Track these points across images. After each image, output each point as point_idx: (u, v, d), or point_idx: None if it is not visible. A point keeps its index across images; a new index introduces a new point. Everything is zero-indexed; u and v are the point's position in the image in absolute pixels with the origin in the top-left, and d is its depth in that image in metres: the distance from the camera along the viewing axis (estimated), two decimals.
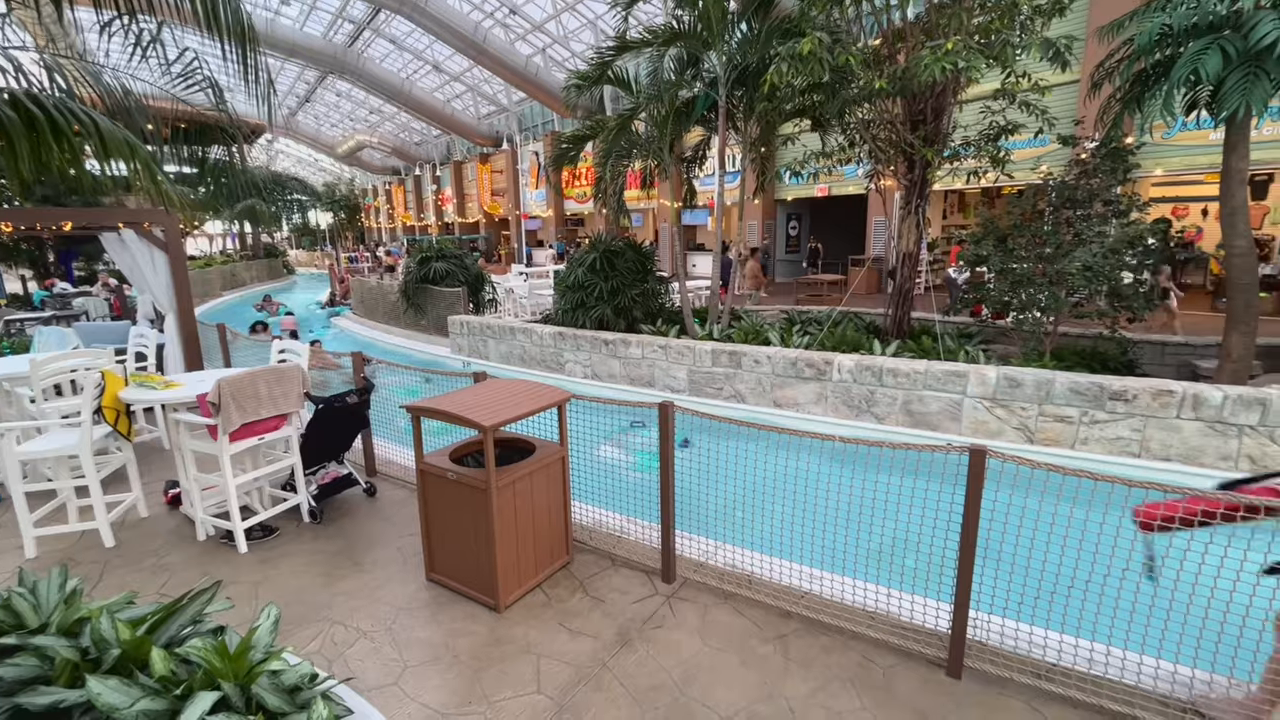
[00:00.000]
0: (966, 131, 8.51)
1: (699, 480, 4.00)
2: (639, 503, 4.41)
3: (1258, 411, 5.39)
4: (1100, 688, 2.90)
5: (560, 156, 11.35)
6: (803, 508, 3.82)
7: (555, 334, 10.02)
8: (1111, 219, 7.41)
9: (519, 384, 4.12)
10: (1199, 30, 6.06)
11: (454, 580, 3.82)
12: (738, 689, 3.02)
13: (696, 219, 24.96)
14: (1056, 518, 2.95)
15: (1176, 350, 8.23)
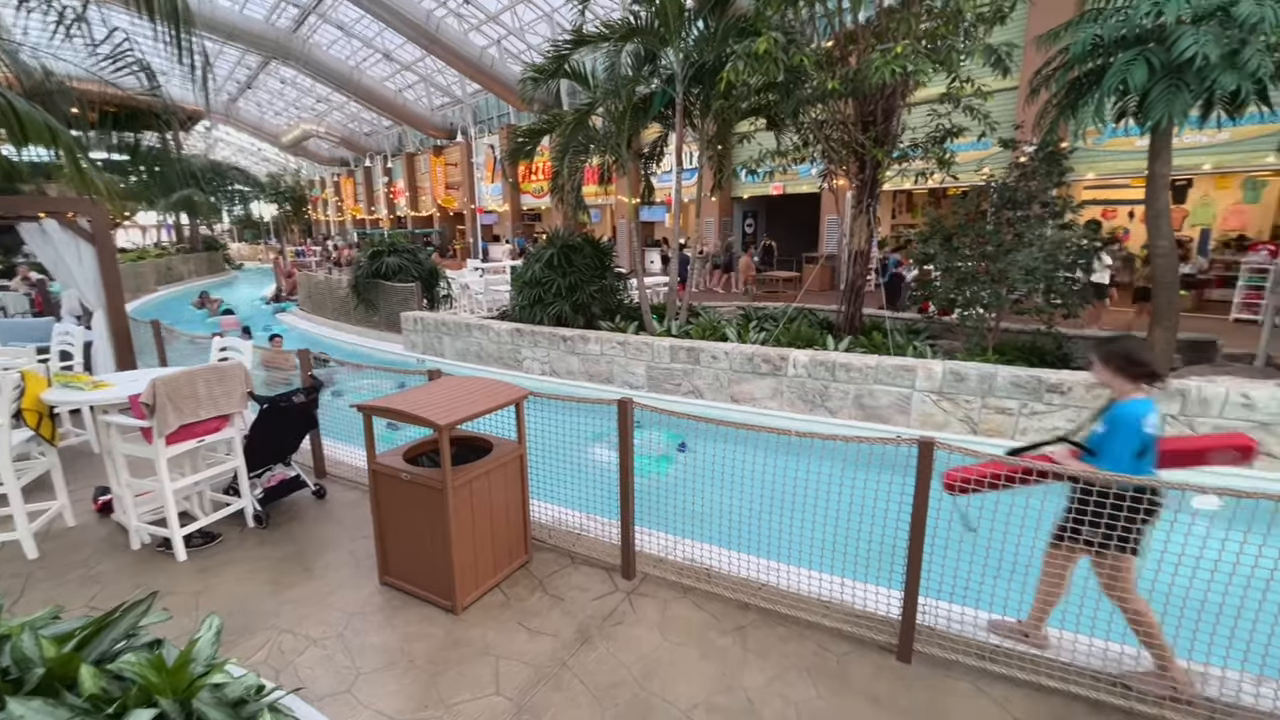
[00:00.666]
0: (915, 133, 8.78)
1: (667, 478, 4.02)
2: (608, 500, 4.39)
3: (1179, 402, 5.75)
4: (1039, 666, 3.05)
5: (516, 150, 11.19)
6: (760, 501, 3.88)
7: (513, 330, 9.89)
8: (1048, 220, 7.77)
9: (475, 382, 4.05)
10: (1127, 42, 6.41)
11: (409, 583, 3.74)
12: (697, 682, 3.05)
13: (654, 215, 25.01)
14: (999, 504, 3.09)
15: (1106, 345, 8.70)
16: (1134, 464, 2.83)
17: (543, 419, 4.38)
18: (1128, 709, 2.83)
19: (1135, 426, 2.82)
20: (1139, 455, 2.84)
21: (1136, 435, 2.82)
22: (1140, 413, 2.84)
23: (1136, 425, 2.82)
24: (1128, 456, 2.82)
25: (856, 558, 3.55)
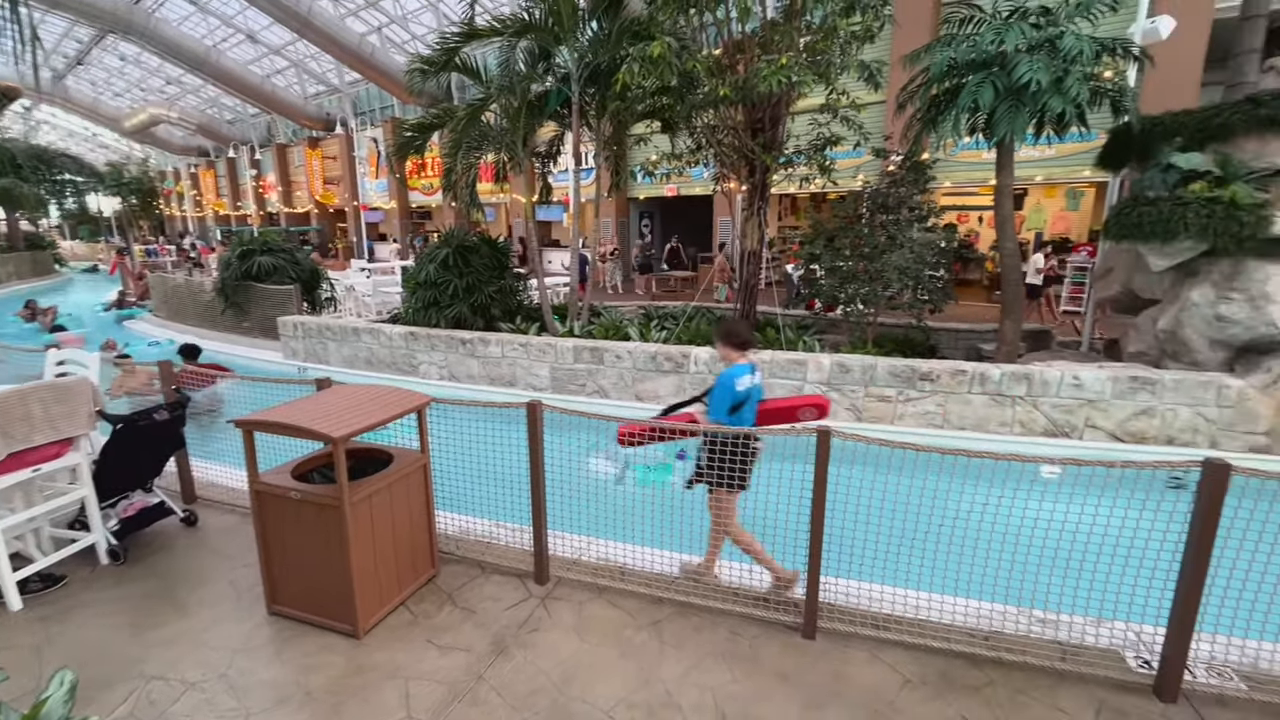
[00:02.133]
0: (798, 141, 9.32)
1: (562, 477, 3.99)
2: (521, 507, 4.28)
3: (1024, 384, 6.55)
4: (924, 630, 3.35)
5: (404, 145, 10.64)
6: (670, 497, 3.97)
7: (407, 334, 9.41)
8: (915, 224, 8.56)
9: (370, 390, 3.82)
10: (976, 66, 7.19)
11: (303, 610, 3.46)
12: (617, 680, 3.07)
13: (551, 215, 24.76)
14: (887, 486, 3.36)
15: (965, 336, 9.74)
16: (732, 417, 3.57)
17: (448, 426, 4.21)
18: (996, 659, 3.18)
19: (729, 386, 3.54)
20: (734, 410, 3.58)
21: (729, 393, 3.54)
22: (733, 375, 3.57)
23: (729, 385, 3.54)
24: (724, 411, 3.57)
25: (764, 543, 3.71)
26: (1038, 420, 6.52)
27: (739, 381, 3.56)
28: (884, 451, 3.21)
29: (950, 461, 3.15)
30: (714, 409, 3.61)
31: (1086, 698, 2.96)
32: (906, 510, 3.33)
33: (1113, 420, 6.33)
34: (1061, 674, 3.10)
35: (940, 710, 2.88)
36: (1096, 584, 3.08)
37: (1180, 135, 6.70)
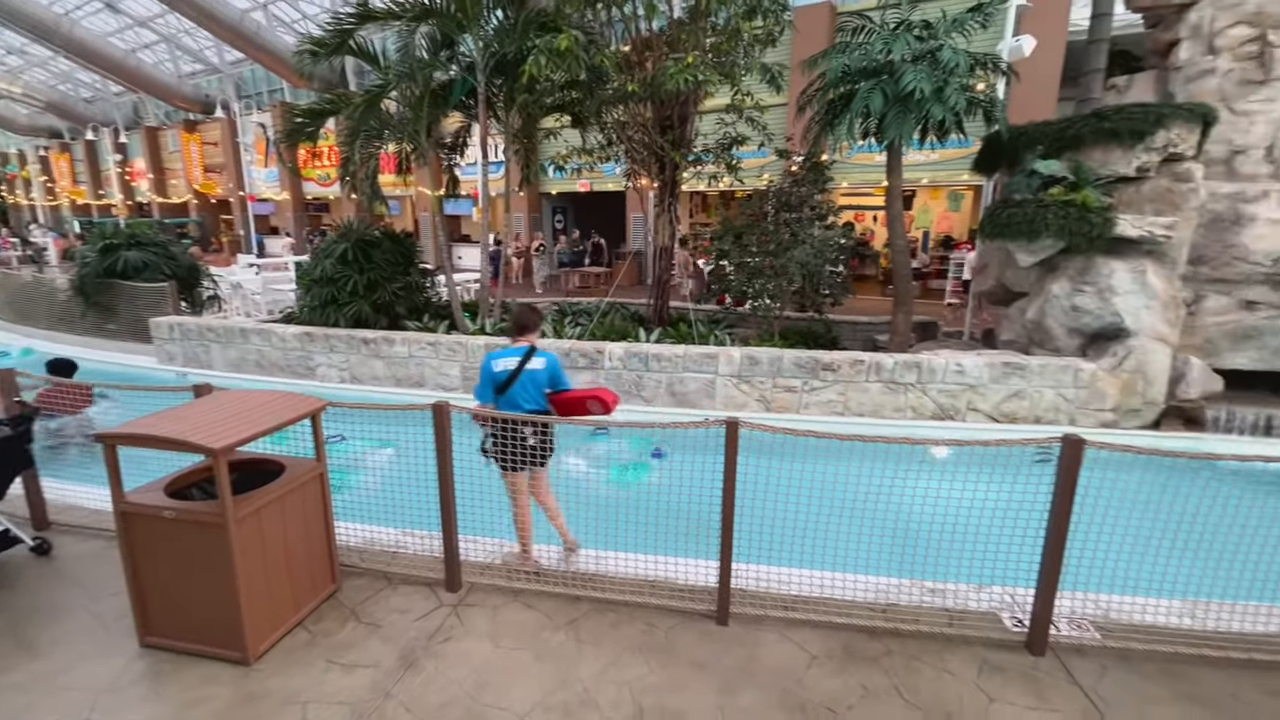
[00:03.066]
0: (706, 139, 9.54)
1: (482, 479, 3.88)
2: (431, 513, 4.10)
3: (915, 372, 7.05)
4: (829, 608, 3.53)
5: (295, 132, 9.92)
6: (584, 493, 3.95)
7: (302, 335, 8.79)
8: (816, 221, 8.99)
9: (256, 395, 3.53)
10: (868, 73, 7.64)
11: (183, 640, 3.15)
12: (533, 683, 3.02)
13: (460, 209, 23.95)
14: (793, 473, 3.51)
15: (863, 328, 10.36)
16: (501, 398, 3.73)
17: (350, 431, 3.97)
18: (893, 629, 3.40)
19: (486, 369, 3.74)
20: (500, 391, 3.74)
21: (486, 375, 3.75)
22: (491, 357, 3.77)
23: (486, 367, 3.74)
24: (487, 393, 3.74)
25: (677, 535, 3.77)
26: (927, 405, 7.03)
27: (496, 364, 3.77)
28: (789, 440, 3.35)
29: (849, 446, 3.33)
30: (478, 391, 3.81)
31: (970, 657, 3.22)
32: (810, 495, 3.49)
33: (990, 403, 6.94)
34: (949, 638, 3.36)
35: (844, 683, 3.04)
36: (979, 553, 3.36)
37: (1041, 144, 7.43)
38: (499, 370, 3.75)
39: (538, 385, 3.82)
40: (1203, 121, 6.71)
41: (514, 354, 3.79)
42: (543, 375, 3.83)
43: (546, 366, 3.84)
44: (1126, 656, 3.22)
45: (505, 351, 3.80)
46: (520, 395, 3.77)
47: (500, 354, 3.79)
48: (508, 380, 3.74)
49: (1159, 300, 6.70)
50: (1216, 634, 3.31)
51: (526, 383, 3.77)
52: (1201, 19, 7.30)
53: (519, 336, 3.90)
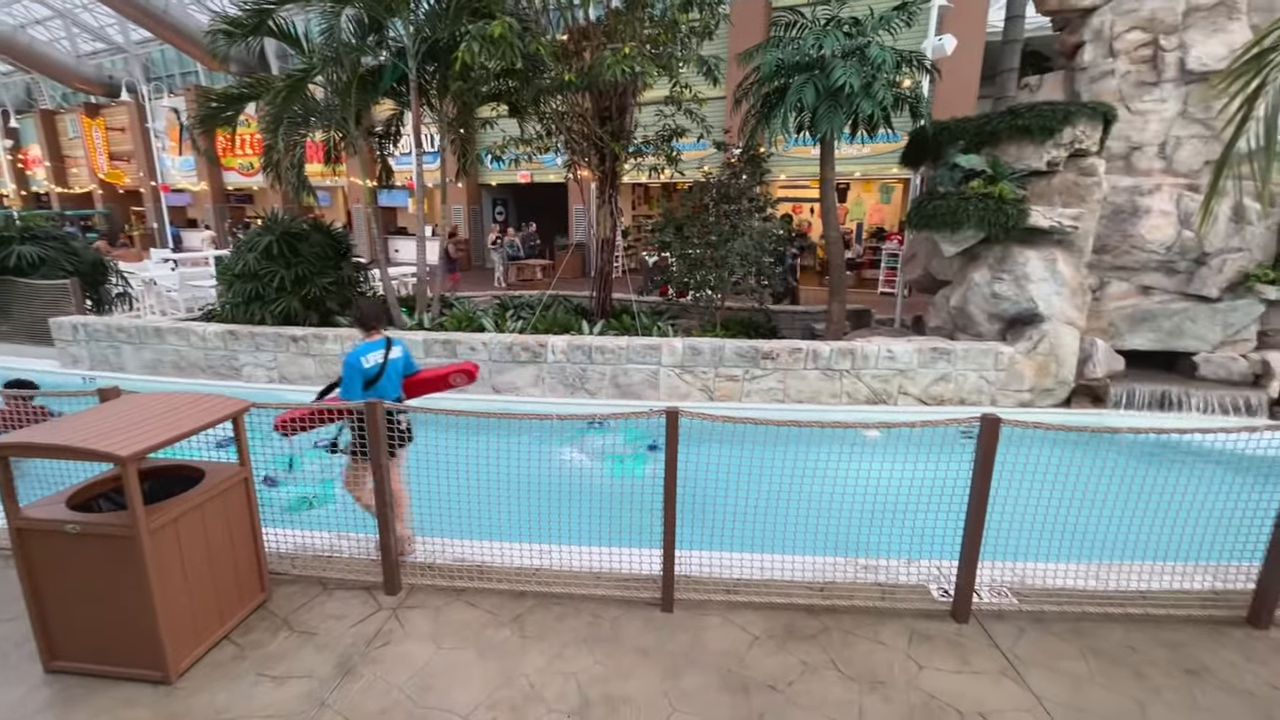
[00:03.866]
0: (646, 131, 9.53)
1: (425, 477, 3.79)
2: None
3: (849, 359, 7.31)
4: (770, 589, 3.64)
5: (211, 117, 9.31)
6: (529, 488, 3.90)
7: (225, 333, 8.31)
8: (754, 213, 9.15)
9: (170, 399, 3.32)
10: (801, 68, 7.81)
11: (95, 662, 2.95)
12: (477, 682, 2.98)
13: (396, 200, 23.13)
14: (735, 459, 3.58)
15: (801, 317, 10.65)
16: (369, 392, 3.81)
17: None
18: (830, 606, 3.54)
19: (354, 365, 3.80)
20: (369, 385, 3.83)
21: (356, 372, 3.80)
22: (357, 354, 3.83)
23: (355, 364, 3.80)
24: (357, 389, 3.80)
25: (623, 526, 3.80)
26: (861, 390, 7.31)
27: (365, 359, 3.85)
28: (731, 427, 3.42)
29: (788, 432, 3.43)
30: (345, 389, 3.85)
31: (901, 628, 3.39)
32: (752, 480, 3.58)
33: (919, 386, 7.28)
34: (882, 611, 3.52)
35: (784, 660, 3.14)
36: (910, 528, 3.53)
37: (962, 139, 7.80)
38: (369, 366, 3.86)
39: (399, 373, 4.06)
40: (1104, 120, 7.20)
41: (376, 348, 3.95)
42: (400, 363, 4.06)
43: (402, 355, 4.09)
44: (1040, 619, 3.47)
45: (367, 347, 3.93)
46: (388, 385, 3.96)
47: (364, 350, 3.89)
48: (378, 373, 3.89)
49: (1068, 287, 7.17)
50: (1117, 593, 3.60)
51: (391, 372, 3.98)
52: (1102, 23, 7.82)
53: (372, 330, 4.03)
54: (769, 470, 3.64)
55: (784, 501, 3.62)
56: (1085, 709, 2.86)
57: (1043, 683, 3.01)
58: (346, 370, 3.82)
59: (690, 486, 3.48)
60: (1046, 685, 2.99)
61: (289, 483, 5.43)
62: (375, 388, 3.87)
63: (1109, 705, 2.88)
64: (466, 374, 4.27)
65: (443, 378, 4.26)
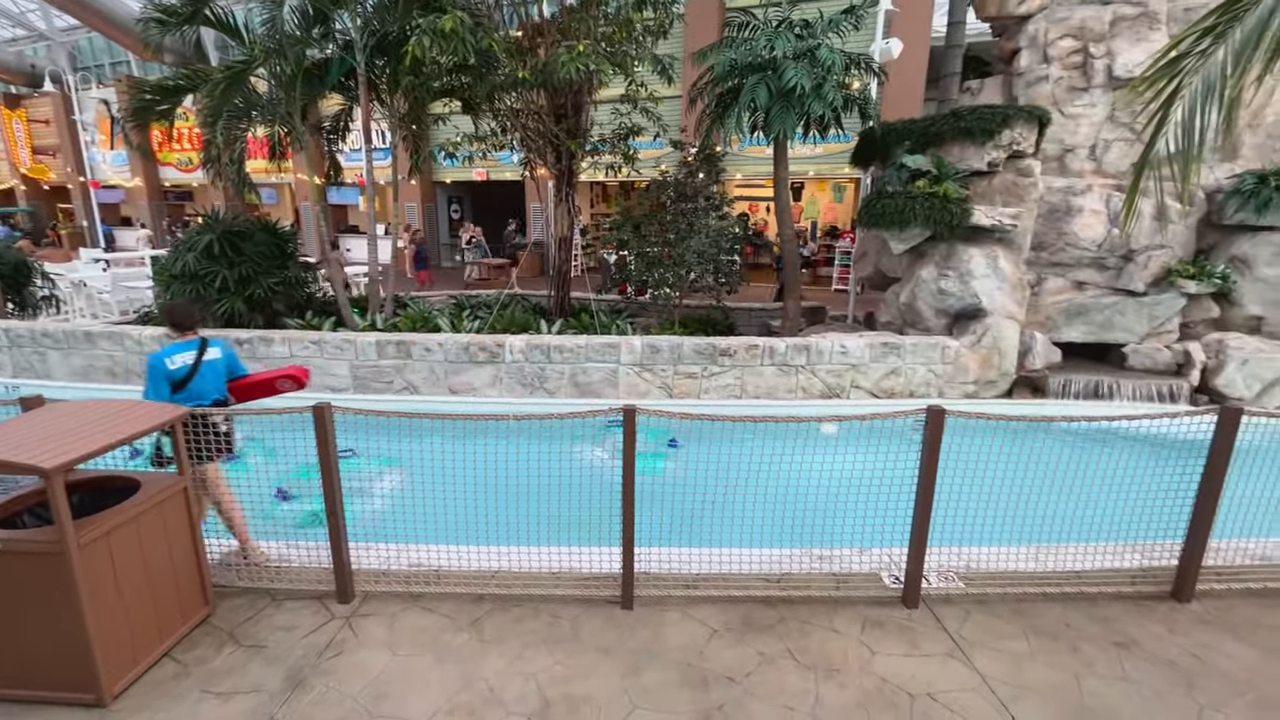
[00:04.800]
0: (602, 129, 9.52)
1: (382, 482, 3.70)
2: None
3: (804, 354, 7.46)
4: (729, 582, 3.69)
5: (144, 110, 8.87)
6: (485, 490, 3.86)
7: (163, 337, 7.91)
8: (711, 212, 9.25)
9: (100, 406, 3.15)
10: (754, 68, 7.92)
11: (21, 687, 2.78)
12: (435, 688, 2.94)
13: (346, 198, 22.47)
14: (693, 455, 3.62)
15: (758, 314, 10.83)
16: (180, 394, 3.71)
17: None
18: (786, 597, 3.61)
19: (157, 367, 3.67)
20: (178, 387, 3.71)
21: (160, 373, 3.66)
22: (162, 355, 3.71)
23: (159, 366, 3.67)
24: (163, 391, 3.66)
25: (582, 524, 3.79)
26: (816, 385, 7.48)
27: (170, 360, 3.72)
28: (688, 424, 3.45)
29: (744, 427, 3.48)
30: (147, 392, 3.68)
31: (855, 616, 3.49)
32: (708, 476, 3.62)
33: (871, 380, 7.49)
34: (837, 600, 3.62)
35: (742, 652, 3.20)
36: (863, 519, 3.63)
37: (908, 140, 8.05)
38: (176, 367, 3.72)
39: (218, 375, 3.93)
40: (1039, 123, 7.54)
41: (187, 348, 3.80)
42: (221, 364, 3.94)
43: (223, 355, 3.96)
44: (984, 601, 3.62)
45: (175, 347, 3.79)
46: (203, 387, 3.82)
47: (170, 350, 3.75)
48: (188, 375, 3.74)
49: (1009, 282, 7.49)
50: (1055, 573, 3.78)
51: (208, 374, 3.84)
52: (1037, 30, 8.19)
53: (185, 331, 3.89)
54: (725, 464, 3.69)
55: (743, 496, 3.68)
56: (1026, 685, 3.00)
57: (987, 662, 3.14)
58: (149, 372, 3.67)
59: (646, 483, 3.49)
60: (990, 664, 3.12)
61: (301, 496, 4.99)
62: (186, 391, 3.74)
63: (1047, 680, 3.03)
64: (294, 379, 4.15)
65: (268, 382, 4.15)
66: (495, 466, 3.87)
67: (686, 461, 3.65)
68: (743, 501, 3.68)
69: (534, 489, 3.72)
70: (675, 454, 5.97)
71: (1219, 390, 7.37)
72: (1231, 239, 7.66)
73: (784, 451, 3.66)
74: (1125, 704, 2.88)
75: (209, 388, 3.85)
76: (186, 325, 3.91)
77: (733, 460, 3.68)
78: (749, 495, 3.69)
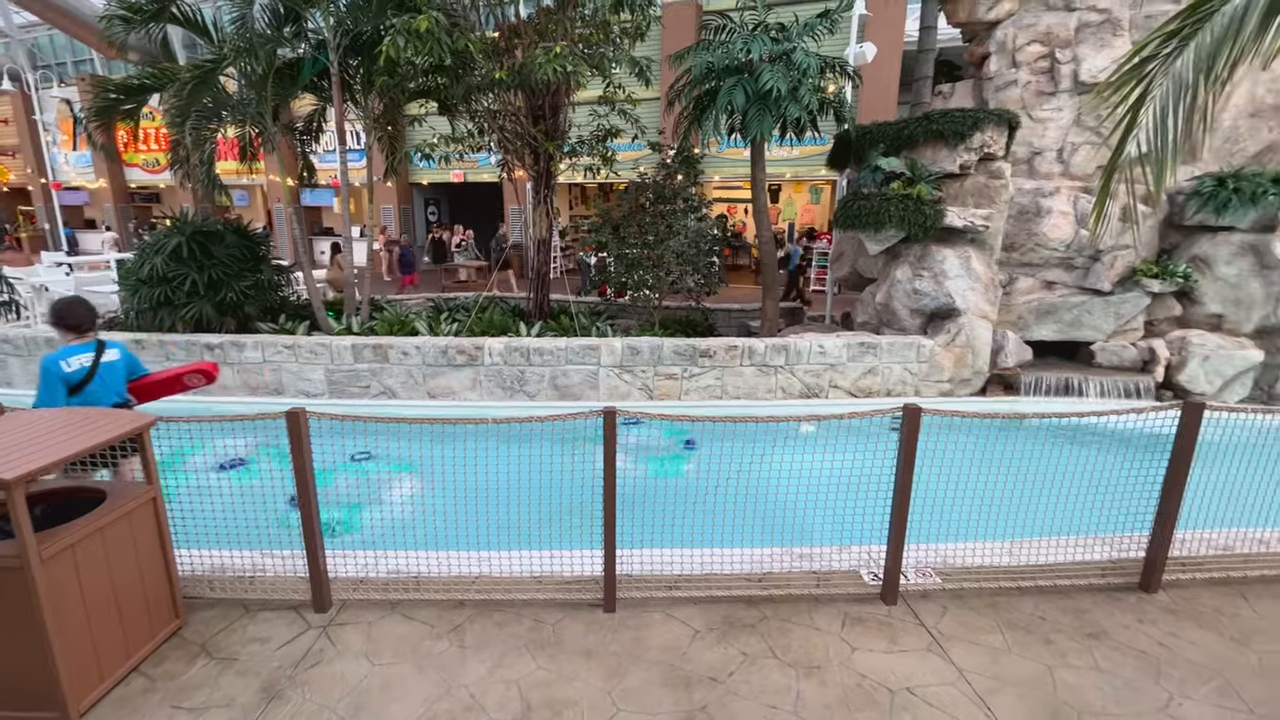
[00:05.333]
0: (581, 131, 9.50)
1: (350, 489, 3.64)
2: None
3: (783, 355, 7.53)
4: (711, 583, 3.70)
5: (107, 109, 8.66)
6: (466, 494, 3.82)
7: (130, 342, 7.68)
8: (690, 213, 9.28)
9: (64, 414, 3.06)
10: (730, 71, 7.98)
11: None
12: (415, 697, 2.90)
13: (321, 199, 22.12)
14: (673, 454, 3.62)
15: (737, 315, 10.89)
16: (77, 398, 3.62)
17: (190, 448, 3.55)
18: (768, 596, 3.63)
19: (51, 370, 3.56)
20: (75, 390, 3.61)
21: (55, 377, 3.56)
22: (56, 358, 3.60)
23: (52, 369, 3.56)
24: (58, 396, 3.57)
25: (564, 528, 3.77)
26: (795, 385, 7.54)
27: (65, 363, 3.60)
28: (670, 425, 3.45)
29: (724, 428, 3.49)
30: (41, 397, 3.58)
31: (835, 613, 3.52)
32: (690, 475, 3.63)
33: (849, 380, 7.58)
34: (817, 598, 3.65)
35: (724, 652, 3.21)
36: (842, 517, 3.67)
37: (883, 142, 8.18)
38: (72, 370, 3.61)
39: (118, 377, 3.83)
40: (1009, 126, 7.71)
41: (83, 350, 3.68)
42: (120, 366, 3.83)
43: (121, 357, 3.86)
44: (961, 595, 3.68)
45: (71, 349, 3.66)
46: (102, 391, 3.71)
47: (65, 353, 3.64)
48: (85, 378, 3.63)
49: (981, 282, 7.64)
50: (1029, 567, 3.86)
51: (106, 376, 3.73)
52: (1006, 36, 8.37)
53: (80, 332, 3.75)
54: (705, 464, 3.70)
55: (724, 495, 3.69)
56: (1002, 677, 3.05)
57: (964, 656, 3.19)
58: (42, 375, 3.56)
59: (628, 484, 3.49)
60: (967, 658, 3.18)
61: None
62: (84, 394, 3.63)
63: (1022, 672, 3.09)
64: (204, 374, 4.08)
65: (176, 379, 4.06)
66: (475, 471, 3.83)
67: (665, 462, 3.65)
68: (725, 501, 3.70)
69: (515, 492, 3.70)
70: (692, 454, 5.93)
71: (1182, 386, 7.60)
72: (1192, 239, 7.91)
73: (764, 450, 3.68)
74: (1097, 694, 2.95)
75: (108, 391, 3.74)
76: (82, 326, 3.76)
77: (715, 460, 3.69)
78: (731, 494, 3.71)
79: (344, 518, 4.64)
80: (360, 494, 4.68)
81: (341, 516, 4.63)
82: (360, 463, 3.69)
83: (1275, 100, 7.84)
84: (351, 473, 4.83)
